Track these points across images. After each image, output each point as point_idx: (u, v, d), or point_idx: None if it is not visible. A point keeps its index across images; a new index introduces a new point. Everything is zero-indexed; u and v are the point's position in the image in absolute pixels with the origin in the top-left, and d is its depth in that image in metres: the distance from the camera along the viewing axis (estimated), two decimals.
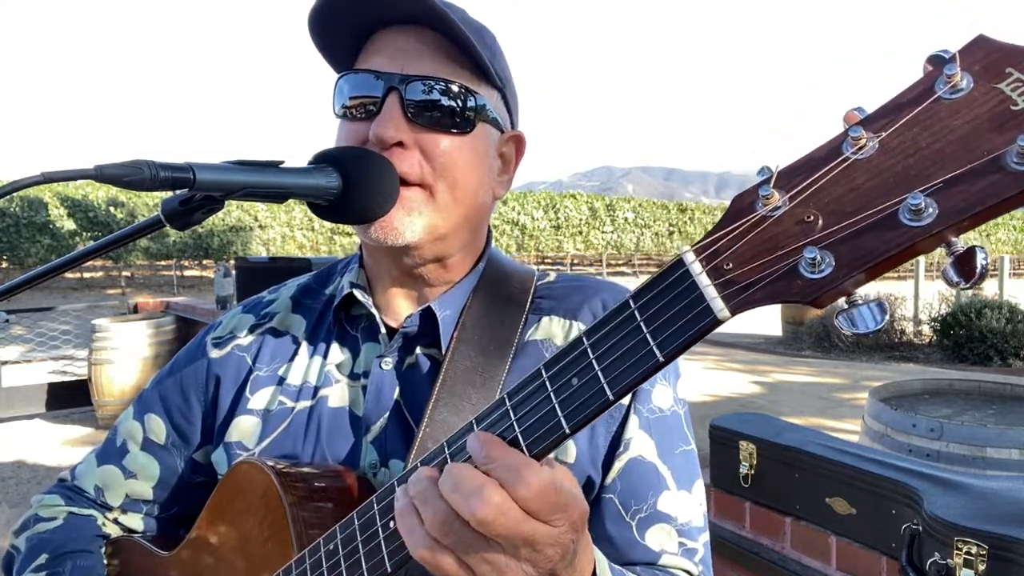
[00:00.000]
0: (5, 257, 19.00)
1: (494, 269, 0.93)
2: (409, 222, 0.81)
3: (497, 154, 0.90)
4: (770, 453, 2.14)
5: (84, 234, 19.50)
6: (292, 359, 0.92)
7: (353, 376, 0.89)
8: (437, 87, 0.81)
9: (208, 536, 0.87)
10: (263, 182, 0.68)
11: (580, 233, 27.97)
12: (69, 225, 19.49)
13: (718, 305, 0.47)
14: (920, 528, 1.65)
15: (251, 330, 0.97)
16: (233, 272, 6.05)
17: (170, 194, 0.66)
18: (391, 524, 0.63)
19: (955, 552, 1.51)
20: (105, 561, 0.95)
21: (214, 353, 0.97)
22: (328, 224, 21.88)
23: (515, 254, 26.41)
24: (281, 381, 0.91)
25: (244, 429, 0.90)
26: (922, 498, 1.67)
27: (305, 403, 0.89)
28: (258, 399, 0.91)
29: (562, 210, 27.82)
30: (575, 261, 27.61)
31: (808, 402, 7.26)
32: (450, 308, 0.88)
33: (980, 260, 0.41)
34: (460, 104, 0.82)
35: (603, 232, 28.29)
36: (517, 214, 26.40)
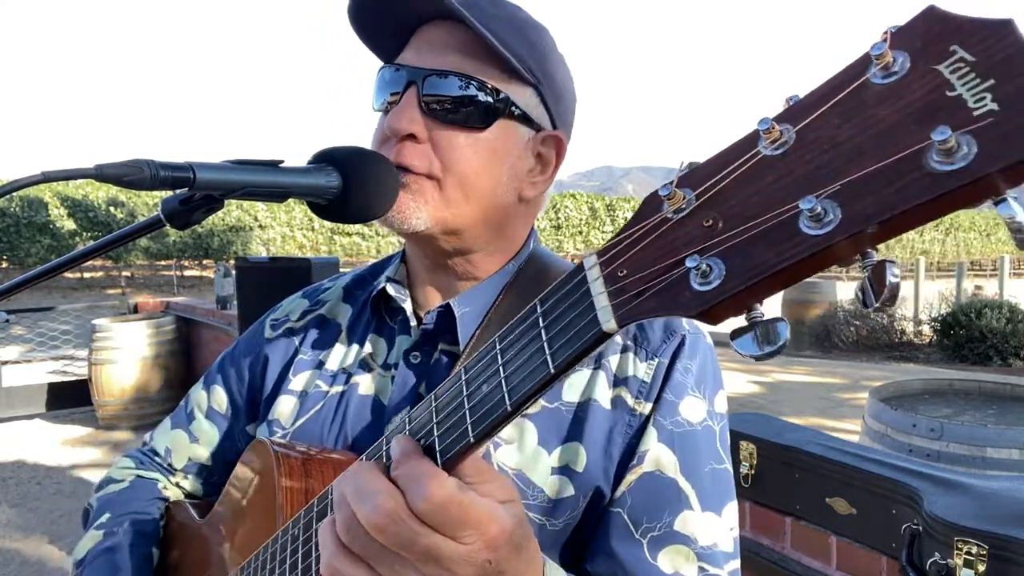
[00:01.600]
0: (5, 257, 19.00)
1: (535, 268, 0.90)
2: (416, 209, 0.81)
3: (532, 153, 0.87)
4: (770, 453, 2.14)
5: (84, 234, 19.50)
6: (333, 345, 0.96)
7: (385, 366, 0.91)
8: (454, 82, 0.80)
9: (223, 509, 0.92)
10: (263, 181, 0.68)
11: (580, 233, 27.97)
12: (69, 225, 19.49)
13: (605, 316, 0.43)
14: (920, 528, 1.65)
15: (303, 315, 1.02)
16: (233, 272, 6.05)
17: (170, 194, 0.66)
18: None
19: (955, 552, 1.51)
20: (162, 522, 1.03)
21: (269, 333, 1.03)
22: (328, 224, 21.90)
23: None
24: (320, 365, 0.95)
25: (283, 409, 0.94)
26: (922, 498, 1.67)
27: (338, 388, 0.92)
28: (298, 381, 0.95)
29: (562, 210, 27.82)
30: (575, 261, 27.58)
31: (808, 402, 7.26)
32: (472, 305, 0.87)
33: (891, 276, 0.36)
34: (478, 100, 0.81)
35: (603, 232, 28.29)
36: None
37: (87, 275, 21.22)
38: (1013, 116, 0.31)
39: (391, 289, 0.91)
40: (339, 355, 0.94)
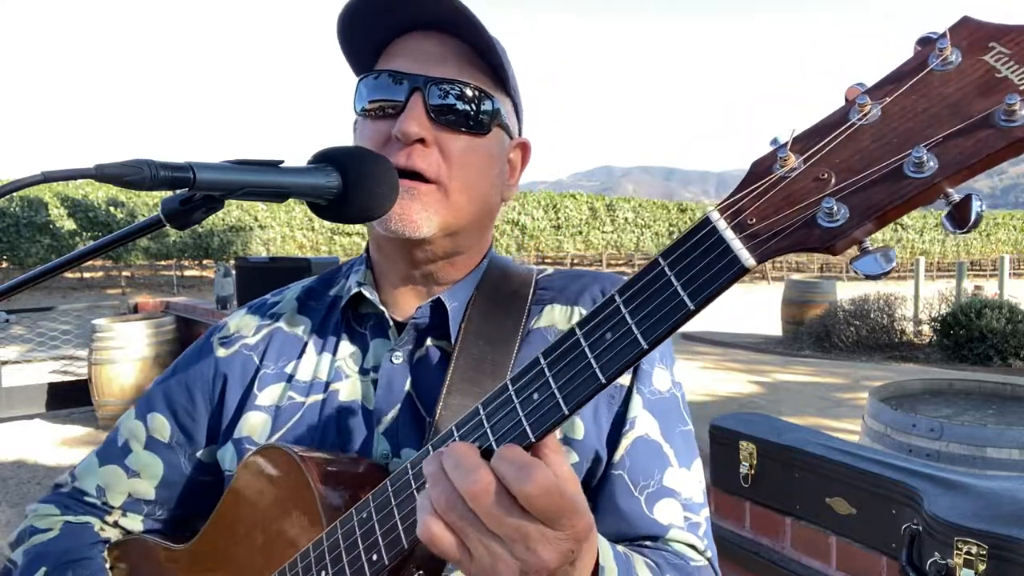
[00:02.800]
0: (5, 257, 19.00)
1: (496, 267, 0.97)
2: (427, 217, 0.85)
3: (506, 159, 0.95)
4: (770, 453, 2.14)
5: (84, 234, 19.49)
6: (300, 357, 0.95)
7: (363, 371, 0.92)
8: (458, 90, 0.85)
9: (230, 521, 0.88)
10: (263, 182, 0.68)
11: (580, 233, 27.97)
12: (69, 225, 19.48)
13: (744, 255, 0.51)
14: (920, 528, 1.65)
15: (257, 330, 1.00)
16: (233, 272, 6.05)
17: (170, 194, 0.66)
18: (404, 503, 0.66)
19: (955, 552, 1.51)
20: (108, 565, 0.95)
21: (221, 352, 0.99)
22: (328, 224, 21.90)
23: (515, 254, 26.42)
24: (290, 378, 0.94)
25: (253, 425, 0.92)
26: (922, 498, 1.67)
27: (316, 397, 0.92)
28: (266, 395, 0.94)
29: (562, 210, 27.82)
30: (575, 261, 27.60)
31: (808, 402, 7.26)
32: (458, 300, 0.92)
33: (975, 208, 0.46)
34: (478, 107, 0.87)
35: (603, 232, 28.30)
36: (517, 214, 26.40)
37: (87, 275, 21.22)
38: None
39: (367, 294, 0.92)
40: (309, 366, 0.94)
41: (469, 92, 0.86)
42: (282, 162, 0.70)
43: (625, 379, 0.88)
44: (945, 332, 9.92)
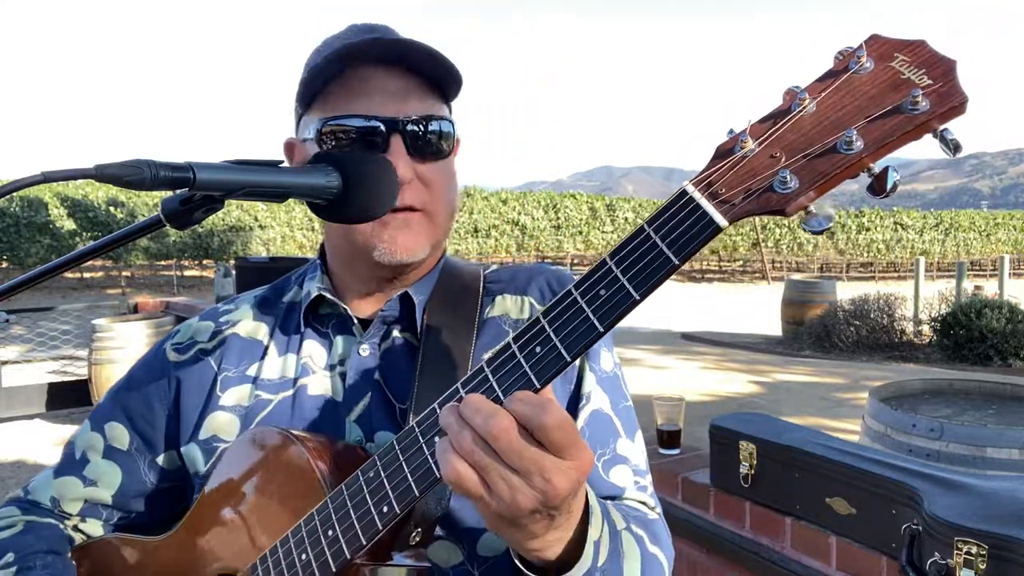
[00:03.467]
0: (5, 257, 18.99)
1: (449, 265, 1.04)
2: (420, 243, 0.93)
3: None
4: (770, 453, 2.14)
5: (84, 234, 19.49)
6: (262, 359, 0.99)
7: (330, 367, 0.97)
8: (429, 125, 0.92)
9: (217, 503, 0.90)
10: (263, 182, 0.68)
11: (580, 233, 27.96)
12: (69, 225, 19.48)
13: (718, 217, 0.61)
14: (920, 528, 1.65)
15: (213, 336, 1.03)
16: (233, 272, 6.05)
17: (170, 194, 0.66)
18: (413, 457, 0.72)
19: (955, 552, 1.51)
20: (74, 563, 0.97)
21: (174, 358, 1.03)
22: None
23: (515, 254, 26.42)
24: (255, 379, 0.98)
25: (220, 425, 0.96)
26: (922, 498, 1.67)
27: (286, 393, 0.96)
28: (230, 396, 0.97)
29: (562, 210, 27.81)
30: (575, 261, 27.59)
31: (808, 402, 7.26)
32: (422, 295, 0.98)
33: (891, 178, 0.58)
34: (443, 134, 0.94)
35: (603, 232, 28.28)
36: (517, 214, 26.39)
37: (87, 275, 21.21)
38: (943, 85, 0.58)
39: (329, 295, 0.98)
40: (275, 366, 0.98)
41: (435, 124, 0.93)
42: (282, 162, 0.71)
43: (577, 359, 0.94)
44: (945, 332, 9.92)
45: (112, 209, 20.03)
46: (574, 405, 0.96)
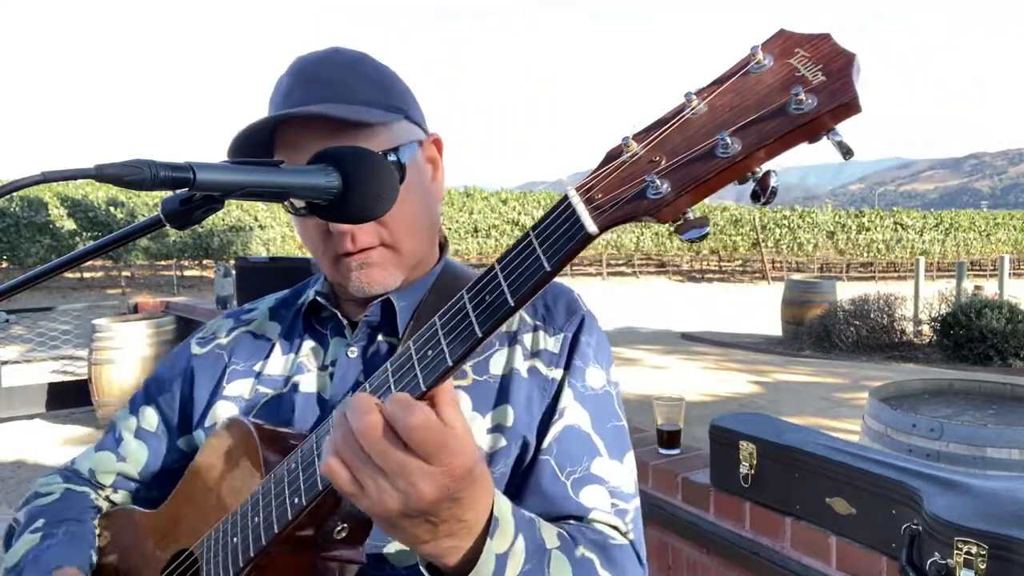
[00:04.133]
0: (5, 257, 18.99)
1: (450, 272, 1.05)
2: (388, 274, 0.96)
3: (426, 164, 1.01)
4: (770, 453, 2.14)
5: (84, 234, 19.48)
6: (268, 357, 1.06)
7: (323, 367, 1.02)
8: None
9: (189, 485, 0.98)
10: (263, 182, 0.68)
11: None
12: (69, 225, 19.47)
13: (589, 223, 0.59)
14: (920, 528, 1.65)
15: (229, 332, 1.12)
16: (233, 272, 6.05)
17: (170, 194, 0.66)
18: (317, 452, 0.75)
19: (955, 552, 1.51)
20: (97, 531, 1.07)
21: (196, 350, 1.12)
22: None
23: None
24: (258, 375, 1.04)
25: (222, 413, 1.02)
26: (922, 498, 1.67)
27: (280, 390, 1.02)
28: (234, 388, 1.05)
29: None
30: (575, 261, 27.58)
31: (808, 402, 7.26)
32: (408, 300, 1.00)
33: (772, 181, 0.56)
34: None
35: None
36: (517, 214, 26.37)
37: (87, 275, 21.21)
38: (834, 82, 0.53)
39: (321, 300, 1.04)
40: (277, 363, 1.05)
41: None
42: (282, 162, 0.70)
43: (557, 374, 0.96)
44: (945, 332, 9.92)
45: (112, 209, 20.02)
46: (547, 420, 0.94)
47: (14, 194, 1.85)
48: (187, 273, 22.62)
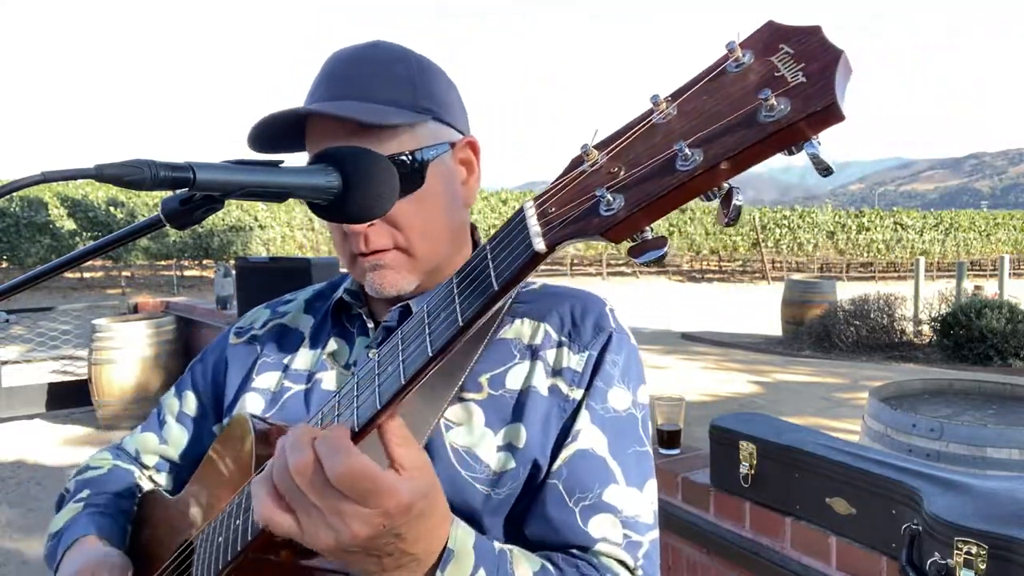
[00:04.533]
0: (5, 257, 18.98)
1: None
2: (402, 277, 0.94)
3: (457, 165, 0.98)
4: (770, 453, 2.14)
5: (84, 234, 19.48)
6: (297, 350, 1.05)
7: (346, 366, 1.01)
8: None
9: (199, 481, 0.98)
10: (263, 182, 0.67)
11: None
12: (69, 225, 19.47)
13: (537, 240, 0.55)
14: (920, 528, 1.65)
15: (265, 323, 1.12)
16: (233, 272, 6.05)
17: (170, 194, 0.66)
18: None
19: (955, 552, 1.51)
20: (135, 508, 1.09)
21: (233, 340, 1.13)
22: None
23: None
24: (286, 368, 1.04)
25: (249, 405, 1.03)
26: (922, 498, 1.67)
27: (304, 386, 1.02)
28: (262, 380, 1.04)
29: None
30: (575, 261, 27.57)
31: (808, 402, 7.27)
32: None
33: (736, 200, 0.49)
34: (404, 170, 0.88)
35: None
36: None
37: (87, 275, 21.20)
38: (813, 84, 0.45)
39: (347, 298, 1.03)
40: (304, 358, 1.04)
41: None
42: (282, 162, 0.70)
43: (578, 394, 0.91)
44: (945, 332, 9.92)
45: (112, 209, 20.02)
46: (561, 441, 0.90)
47: (14, 194, 1.85)
48: (187, 273, 22.62)
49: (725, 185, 0.50)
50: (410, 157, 0.90)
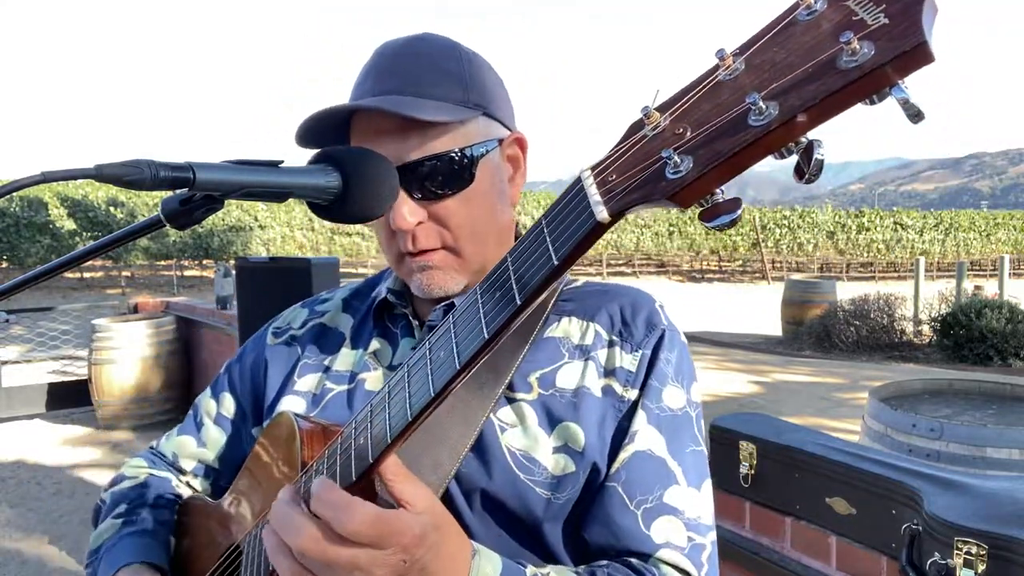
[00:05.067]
0: (5, 257, 18.98)
1: None
2: (451, 278, 0.91)
3: (504, 163, 0.95)
4: (770, 453, 2.14)
5: (84, 234, 19.48)
6: (338, 351, 1.02)
7: (390, 367, 0.97)
8: (429, 165, 0.86)
9: (243, 484, 0.96)
10: (263, 182, 0.68)
11: None
12: (69, 225, 19.46)
13: (599, 209, 0.52)
14: (920, 528, 1.65)
15: (304, 324, 1.09)
16: (233, 272, 6.04)
17: (170, 194, 0.66)
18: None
19: (955, 552, 1.51)
20: (175, 518, 1.07)
21: (271, 341, 1.09)
22: (328, 224, 21.86)
23: None
24: (327, 369, 1.01)
25: (290, 407, 1.00)
26: (922, 498, 1.67)
27: (346, 386, 0.98)
28: (304, 383, 1.01)
29: None
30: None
31: (808, 402, 7.26)
32: None
33: (818, 154, 0.46)
34: (454, 166, 0.87)
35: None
36: (517, 214, 26.29)
37: (87, 275, 21.19)
38: (897, 24, 0.43)
39: (392, 297, 0.99)
40: (346, 358, 1.01)
41: (438, 162, 0.86)
42: (282, 162, 0.70)
43: (633, 394, 0.89)
44: (945, 332, 9.92)
45: (112, 209, 20.02)
46: (618, 443, 0.87)
47: (14, 194, 1.85)
48: (187, 273, 22.62)
49: (803, 140, 0.47)
50: (459, 154, 0.87)
